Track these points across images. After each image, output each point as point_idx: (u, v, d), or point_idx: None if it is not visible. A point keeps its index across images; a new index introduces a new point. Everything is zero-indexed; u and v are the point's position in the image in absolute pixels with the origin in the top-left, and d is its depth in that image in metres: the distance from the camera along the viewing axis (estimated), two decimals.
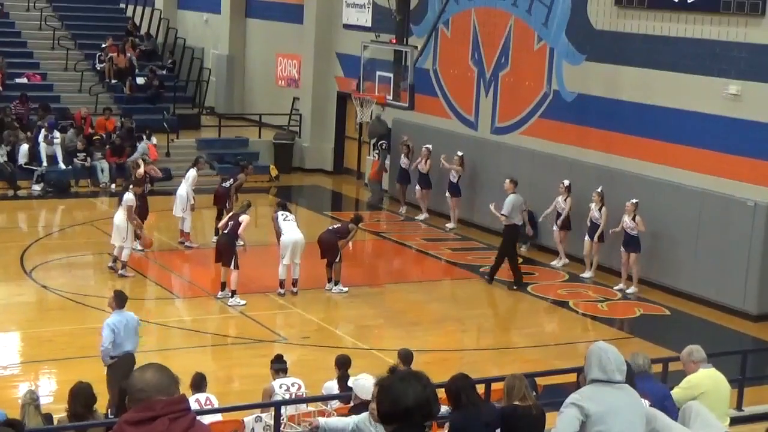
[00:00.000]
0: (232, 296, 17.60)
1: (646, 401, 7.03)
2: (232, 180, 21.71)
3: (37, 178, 25.49)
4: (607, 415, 6.10)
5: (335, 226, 19.45)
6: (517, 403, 8.78)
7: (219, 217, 20.48)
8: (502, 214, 19.41)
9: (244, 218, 17.83)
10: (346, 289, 18.68)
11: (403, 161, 24.96)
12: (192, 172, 21.21)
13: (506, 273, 20.65)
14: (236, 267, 17.57)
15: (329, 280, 18.68)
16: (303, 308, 17.77)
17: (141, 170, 21.25)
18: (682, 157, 19.30)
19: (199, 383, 11.32)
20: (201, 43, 34.33)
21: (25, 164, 25.60)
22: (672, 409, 8.14)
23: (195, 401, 10.98)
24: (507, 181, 19.77)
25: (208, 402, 11.11)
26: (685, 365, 9.69)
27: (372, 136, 26.33)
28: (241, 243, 18.37)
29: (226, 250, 17.76)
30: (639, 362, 8.86)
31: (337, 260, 18.62)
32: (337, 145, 29.63)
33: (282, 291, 18.20)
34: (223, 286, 17.85)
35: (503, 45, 23.33)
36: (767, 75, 17.95)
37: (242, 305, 17.47)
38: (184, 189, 20.91)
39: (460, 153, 23.31)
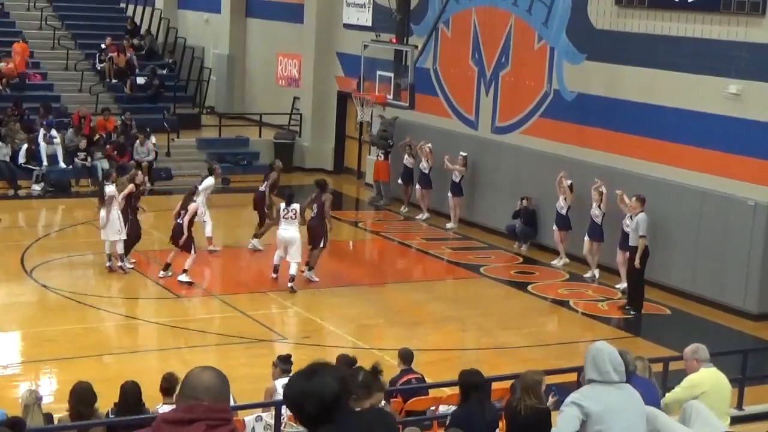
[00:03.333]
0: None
1: None
2: (265, 182, 21.41)
3: (37, 177, 25.49)
4: (607, 415, 6.10)
5: (314, 211, 19.20)
6: (514, 400, 8.79)
7: (261, 223, 20.74)
8: (642, 236, 17.84)
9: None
10: (317, 279, 18.98)
11: (407, 161, 24.96)
12: (209, 181, 20.65)
13: (506, 272, 20.67)
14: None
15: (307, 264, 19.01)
16: (303, 308, 17.77)
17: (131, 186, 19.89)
18: (682, 157, 19.29)
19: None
20: (201, 43, 34.32)
21: (24, 164, 25.59)
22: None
23: None
24: (633, 199, 18.21)
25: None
26: (688, 362, 9.68)
27: (382, 140, 26.18)
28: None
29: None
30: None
31: (321, 246, 18.84)
32: (337, 145, 29.63)
33: (275, 275, 18.47)
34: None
35: (503, 44, 23.33)
36: (767, 74, 17.94)
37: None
38: (200, 199, 20.43)
39: (464, 153, 23.30)
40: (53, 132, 26.20)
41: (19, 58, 29.15)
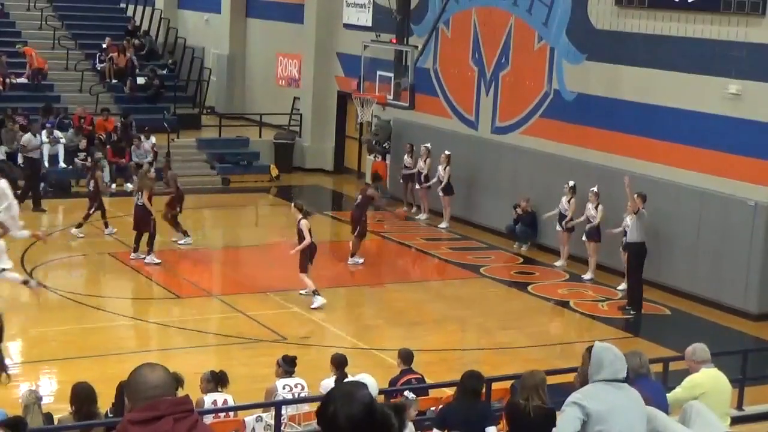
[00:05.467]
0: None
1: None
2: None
3: None
4: (608, 415, 6.10)
5: (357, 200, 20.47)
6: (521, 401, 8.81)
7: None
8: (640, 209, 17.77)
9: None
10: (361, 260, 20.24)
11: (407, 161, 24.96)
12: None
13: (506, 272, 20.67)
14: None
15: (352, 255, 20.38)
16: (303, 308, 17.76)
17: None
18: (682, 157, 19.30)
19: (219, 380, 11.28)
20: (201, 43, 34.32)
21: (22, 164, 25.53)
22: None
23: (212, 402, 10.98)
24: (635, 195, 17.97)
25: (225, 403, 11.09)
26: (689, 362, 9.72)
27: (380, 138, 26.23)
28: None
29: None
30: (635, 363, 8.78)
31: (359, 232, 20.20)
32: (337, 145, 29.64)
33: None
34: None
35: (503, 45, 23.33)
36: (767, 74, 17.95)
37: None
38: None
39: (447, 152, 23.29)
40: (57, 132, 26.20)
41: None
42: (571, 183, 20.41)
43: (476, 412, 9.26)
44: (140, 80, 30.48)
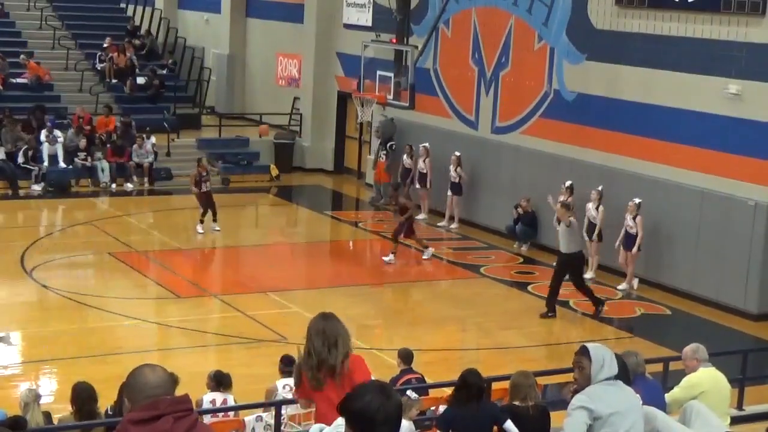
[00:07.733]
0: None
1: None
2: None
3: (36, 177, 25.46)
4: (614, 416, 6.12)
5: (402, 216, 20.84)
6: (516, 402, 8.83)
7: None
8: (572, 220, 17.61)
9: None
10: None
11: (407, 161, 24.95)
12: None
13: (506, 272, 20.66)
14: None
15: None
16: (303, 308, 17.75)
17: None
18: (682, 157, 19.30)
19: (220, 381, 11.34)
20: (201, 43, 34.34)
21: (23, 164, 25.57)
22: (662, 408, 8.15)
23: (210, 401, 11.01)
24: (558, 206, 17.95)
25: (224, 403, 11.11)
26: (687, 361, 9.70)
27: (383, 137, 26.24)
28: None
29: None
30: (632, 362, 8.79)
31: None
32: (337, 145, 29.64)
33: None
34: None
35: (504, 44, 23.33)
36: (767, 74, 17.94)
37: None
38: None
39: (457, 153, 23.30)
40: (56, 132, 26.21)
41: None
42: (568, 183, 20.40)
43: (484, 413, 9.21)
44: (140, 80, 30.48)
